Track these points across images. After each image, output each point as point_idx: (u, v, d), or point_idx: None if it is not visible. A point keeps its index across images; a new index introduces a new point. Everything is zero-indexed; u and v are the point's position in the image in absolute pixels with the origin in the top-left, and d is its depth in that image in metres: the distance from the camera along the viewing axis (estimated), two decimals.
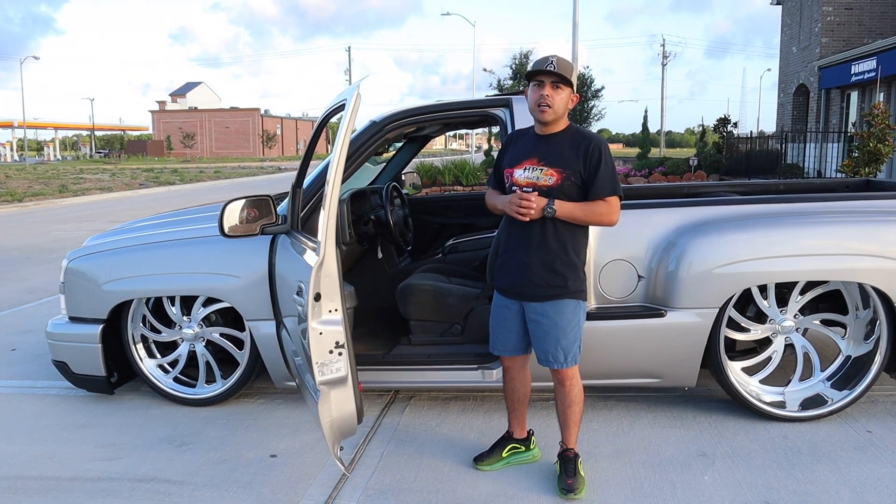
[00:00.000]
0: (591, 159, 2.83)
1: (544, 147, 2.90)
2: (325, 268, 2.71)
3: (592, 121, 28.98)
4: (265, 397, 4.19)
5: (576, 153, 2.85)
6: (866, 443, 3.42)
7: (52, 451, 3.52)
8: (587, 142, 2.87)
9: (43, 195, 19.86)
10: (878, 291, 3.51)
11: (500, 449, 3.27)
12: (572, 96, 2.90)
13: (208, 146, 78.08)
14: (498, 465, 3.23)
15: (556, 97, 2.82)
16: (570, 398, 3.04)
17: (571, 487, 2.98)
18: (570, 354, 2.96)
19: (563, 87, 2.84)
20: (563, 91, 2.84)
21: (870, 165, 12.88)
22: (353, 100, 2.81)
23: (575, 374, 3.02)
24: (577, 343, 2.98)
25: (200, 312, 4.00)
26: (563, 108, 2.86)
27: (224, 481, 3.18)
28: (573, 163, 2.84)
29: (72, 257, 4.10)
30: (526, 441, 3.31)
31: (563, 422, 3.09)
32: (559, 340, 2.93)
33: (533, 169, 2.87)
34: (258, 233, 3.58)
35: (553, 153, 2.87)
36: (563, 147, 2.87)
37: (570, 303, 2.93)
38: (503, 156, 3.05)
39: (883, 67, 17.13)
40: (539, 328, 2.96)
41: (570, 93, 2.87)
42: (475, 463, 3.25)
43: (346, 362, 2.74)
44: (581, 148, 2.86)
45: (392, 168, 5.40)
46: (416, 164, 19.34)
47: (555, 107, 2.83)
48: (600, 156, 2.84)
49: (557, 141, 2.90)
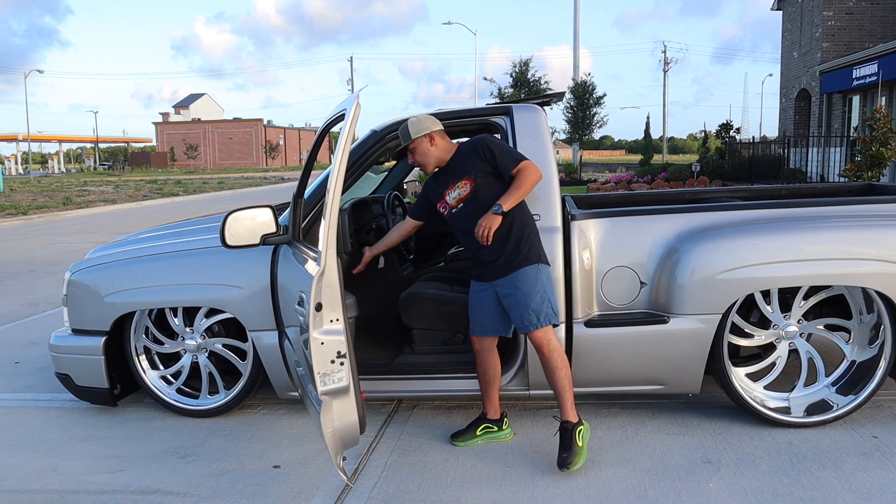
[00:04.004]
0: (485, 153, 3.26)
1: (450, 172, 3.38)
2: (327, 278, 2.71)
3: (595, 128, 28.98)
4: (268, 408, 4.18)
5: (470, 159, 3.29)
6: (872, 448, 3.39)
7: (56, 463, 3.52)
8: (470, 147, 3.32)
9: (47, 208, 19.94)
10: (882, 295, 3.49)
11: (474, 428, 3.56)
12: (428, 137, 3.34)
13: (212, 157, 78.40)
14: (472, 441, 3.53)
15: (416, 156, 3.38)
16: (553, 363, 3.28)
17: (565, 461, 3.20)
18: (541, 315, 3.24)
19: (413, 145, 3.35)
20: (419, 146, 3.35)
21: (872, 169, 12.87)
22: (353, 109, 2.82)
23: (551, 338, 3.28)
24: (545, 303, 3.25)
25: (203, 323, 4.00)
26: (433, 154, 3.36)
27: (227, 493, 3.17)
28: (473, 166, 3.28)
29: (74, 269, 4.11)
30: (499, 422, 3.57)
31: (555, 390, 3.33)
32: (528, 304, 3.23)
33: (454, 189, 3.34)
34: (260, 243, 3.58)
35: (455, 171, 3.35)
36: (458, 162, 3.35)
37: (529, 269, 3.25)
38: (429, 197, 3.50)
39: (885, 71, 17.12)
40: (509, 299, 3.27)
41: (424, 141, 3.34)
42: (452, 439, 3.57)
43: (347, 372, 2.74)
44: (471, 154, 3.30)
45: (394, 177, 5.41)
46: (419, 174, 19.39)
47: (424, 161, 3.37)
48: (488, 146, 3.26)
49: (454, 162, 3.38)
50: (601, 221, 3.62)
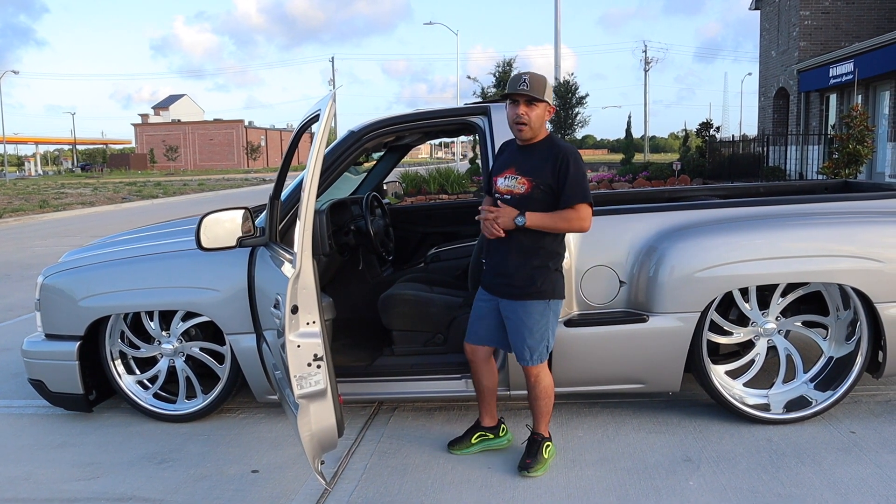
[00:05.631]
0: (560, 169, 2.99)
1: (521, 157, 3.10)
2: (302, 280, 2.68)
3: (577, 127, 29.06)
4: (247, 412, 4.13)
5: (547, 163, 3.02)
6: (850, 444, 3.42)
7: (28, 471, 3.45)
8: (557, 152, 3.03)
9: (23, 211, 19.64)
10: (858, 292, 3.52)
11: (469, 436, 3.47)
12: (548, 108, 3.06)
13: (192, 159, 77.70)
14: (469, 450, 3.44)
15: (531, 114, 3.00)
16: (536, 392, 3.23)
17: (527, 466, 3.21)
18: (535, 353, 3.14)
19: (538, 103, 3.00)
20: (537, 107, 3.01)
21: (850, 167, 13.03)
22: (328, 110, 2.79)
23: (540, 372, 3.20)
24: (543, 343, 3.15)
25: (180, 327, 3.94)
26: (539, 123, 3.04)
27: (205, 498, 3.12)
28: (543, 173, 3.02)
29: (47, 273, 4.04)
30: (495, 429, 3.49)
31: (533, 412, 3.32)
32: (526, 339, 3.12)
33: (511, 178, 3.08)
34: (236, 245, 3.53)
35: (527, 163, 3.06)
36: (536, 157, 3.06)
37: (538, 304, 3.09)
38: (494, 164, 3.27)
39: (860, 70, 17.35)
40: (510, 324, 3.16)
41: (545, 107, 3.04)
42: (449, 448, 3.47)
43: (325, 375, 2.71)
44: (551, 158, 3.02)
45: (373, 178, 5.38)
46: (401, 173, 19.33)
47: (531, 124, 3.01)
48: (568, 165, 2.99)
49: (533, 152, 3.09)
50: None
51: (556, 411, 3.91)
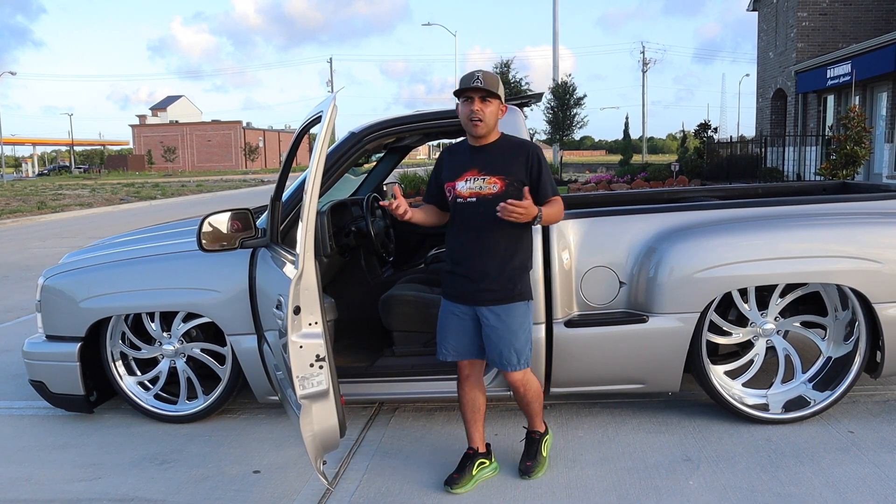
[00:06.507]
0: (533, 166, 2.98)
1: (482, 157, 3.01)
2: (305, 280, 2.69)
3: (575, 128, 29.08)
4: (248, 412, 4.14)
5: (516, 160, 2.99)
6: (848, 443, 3.44)
7: (30, 472, 3.46)
8: (525, 149, 3.02)
9: (21, 212, 19.62)
10: (856, 292, 3.54)
11: (469, 468, 3.17)
12: (501, 107, 3.02)
13: (190, 160, 77.66)
14: (470, 485, 3.14)
15: (486, 110, 2.94)
16: (529, 397, 3.19)
17: (528, 470, 3.19)
18: (522, 356, 3.06)
19: (492, 100, 2.95)
20: (491, 104, 2.96)
21: (847, 168, 13.07)
22: (330, 111, 2.80)
23: (526, 376, 3.13)
24: (528, 345, 3.08)
25: (181, 328, 3.95)
26: (494, 120, 2.99)
27: (206, 499, 3.13)
28: (514, 169, 2.97)
29: (48, 275, 4.04)
30: (487, 455, 3.26)
31: (526, 414, 3.29)
32: (513, 343, 3.02)
33: (475, 179, 2.99)
34: (237, 247, 3.55)
35: (492, 162, 2.99)
36: (500, 156, 3.01)
37: (520, 305, 3.04)
38: (440, 171, 3.14)
39: (858, 71, 17.39)
40: (493, 332, 3.02)
41: (498, 104, 3.00)
42: (447, 487, 3.11)
43: (327, 375, 2.72)
44: (521, 155, 3.00)
45: (373, 179, 5.39)
46: (400, 174, 19.36)
47: (486, 120, 2.95)
48: (540, 161, 3.00)
49: (494, 150, 3.02)
50: (580, 222, 3.64)
51: (556, 411, 3.93)
